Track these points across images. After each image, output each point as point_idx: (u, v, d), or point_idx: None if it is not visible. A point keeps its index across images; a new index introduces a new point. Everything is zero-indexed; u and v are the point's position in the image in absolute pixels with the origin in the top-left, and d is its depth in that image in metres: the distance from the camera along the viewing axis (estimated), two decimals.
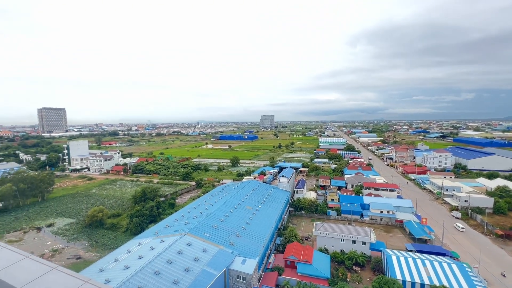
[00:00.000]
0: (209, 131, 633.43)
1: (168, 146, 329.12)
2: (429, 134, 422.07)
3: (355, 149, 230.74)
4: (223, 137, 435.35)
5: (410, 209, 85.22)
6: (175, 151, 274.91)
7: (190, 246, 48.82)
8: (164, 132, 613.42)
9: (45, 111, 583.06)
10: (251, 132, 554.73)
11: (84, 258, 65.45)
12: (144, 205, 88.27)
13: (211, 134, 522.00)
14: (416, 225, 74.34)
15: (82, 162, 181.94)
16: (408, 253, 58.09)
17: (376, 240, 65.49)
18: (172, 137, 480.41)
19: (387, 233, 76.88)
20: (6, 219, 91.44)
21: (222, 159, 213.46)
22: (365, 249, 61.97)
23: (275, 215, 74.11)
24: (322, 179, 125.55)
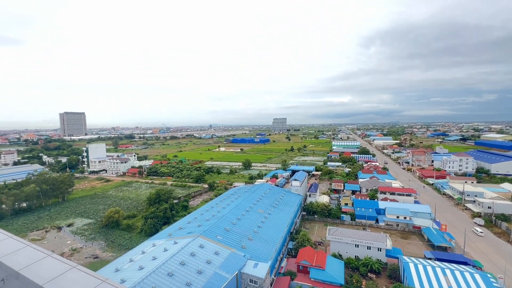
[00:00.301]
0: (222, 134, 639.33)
1: (181, 149, 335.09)
2: (448, 137, 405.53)
3: (369, 153, 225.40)
4: (236, 140, 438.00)
5: (428, 215, 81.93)
6: (188, 154, 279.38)
7: (203, 249, 49.17)
8: (178, 135, 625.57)
9: (67, 116, 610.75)
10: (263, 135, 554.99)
11: (101, 258, 67.43)
12: (158, 207, 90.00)
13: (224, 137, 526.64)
14: (435, 232, 71.28)
15: (100, 165, 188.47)
16: (427, 261, 55.71)
17: (393, 247, 63.35)
18: (185, 140, 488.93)
19: (404, 240, 74.19)
20: (30, 218, 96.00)
21: (234, 162, 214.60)
22: (380, 255, 60.05)
23: (288, 218, 73.41)
24: (336, 183, 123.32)
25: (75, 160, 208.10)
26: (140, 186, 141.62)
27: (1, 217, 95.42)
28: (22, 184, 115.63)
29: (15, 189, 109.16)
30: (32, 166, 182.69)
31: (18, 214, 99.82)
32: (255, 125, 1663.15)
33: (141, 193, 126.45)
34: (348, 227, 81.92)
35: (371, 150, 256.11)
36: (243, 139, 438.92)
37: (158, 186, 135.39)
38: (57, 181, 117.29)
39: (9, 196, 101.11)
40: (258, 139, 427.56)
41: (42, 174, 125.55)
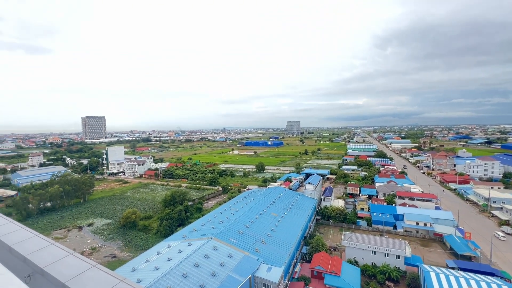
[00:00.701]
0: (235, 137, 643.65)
1: (196, 152, 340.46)
2: (471, 140, 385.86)
3: (386, 156, 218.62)
4: (249, 143, 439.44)
5: (450, 221, 78.05)
6: (202, 156, 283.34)
7: (216, 251, 49.45)
8: (192, 138, 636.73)
9: (88, 119, 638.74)
10: (276, 138, 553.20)
11: (118, 257, 69.44)
12: (173, 208, 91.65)
13: (237, 140, 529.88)
14: (459, 240, 67.68)
15: (119, 167, 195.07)
16: (449, 270, 52.92)
17: (412, 254, 60.79)
18: (200, 143, 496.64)
19: (424, 247, 71.01)
20: (54, 218, 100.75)
21: (248, 165, 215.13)
22: (399, 263, 57.76)
23: (301, 223, 72.43)
24: (351, 187, 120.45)
25: (96, 162, 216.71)
26: (156, 188, 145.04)
27: (28, 215, 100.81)
28: (47, 185, 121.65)
29: (41, 189, 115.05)
30: (56, 167, 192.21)
31: (43, 213, 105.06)
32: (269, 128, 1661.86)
33: (157, 194, 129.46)
34: (364, 232, 79.57)
35: (388, 154, 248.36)
36: (257, 142, 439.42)
37: (173, 188, 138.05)
38: (78, 182, 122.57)
39: (35, 196, 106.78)
40: (271, 142, 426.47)
41: (65, 176, 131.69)
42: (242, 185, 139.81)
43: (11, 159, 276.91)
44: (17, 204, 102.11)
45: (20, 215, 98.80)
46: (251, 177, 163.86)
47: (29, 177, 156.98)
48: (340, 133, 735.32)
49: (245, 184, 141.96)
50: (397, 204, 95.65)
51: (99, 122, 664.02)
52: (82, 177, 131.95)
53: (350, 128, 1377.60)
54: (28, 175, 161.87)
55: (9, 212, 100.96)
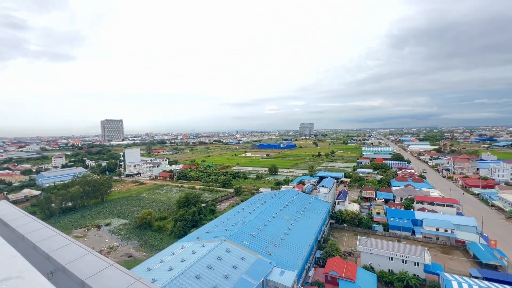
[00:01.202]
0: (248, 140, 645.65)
1: (209, 154, 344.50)
2: (496, 142, 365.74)
3: (404, 159, 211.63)
4: (262, 145, 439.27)
5: (474, 228, 74.13)
6: (215, 159, 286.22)
7: (229, 253, 49.60)
8: (206, 140, 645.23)
9: (107, 123, 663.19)
10: (289, 141, 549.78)
11: (134, 257, 71.21)
12: (187, 210, 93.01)
13: (250, 143, 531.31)
14: (483, 248, 64.11)
15: (135, 168, 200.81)
16: (473, 279, 50.20)
17: (432, 262, 58.20)
18: (213, 146, 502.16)
19: (445, 255, 67.82)
20: (74, 217, 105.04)
21: (261, 167, 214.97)
22: (418, 270, 55.46)
23: (315, 226, 71.32)
24: (366, 191, 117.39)
25: (113, 164, 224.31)
26: (171, 190, 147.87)
27: (51, 214, 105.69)
28: (68, 185, 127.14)
29: (63, 189, 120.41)
30: (77, 169, 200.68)
31: (64, 213, 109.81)
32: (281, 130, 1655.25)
33: (172, 196, 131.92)
34: (380, 238, 77.14)
35: (406, 157, 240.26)
36: (269, 144, 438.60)
37: (187, 189, 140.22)
38: (97, 183, 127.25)
39: (58, 196, 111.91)
40: (284, 145, 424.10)
41: (85, 177, 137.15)
42: (255, 187, 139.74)
43: (36, 160, 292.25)
44: (41, 204, 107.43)
45: (44, 214, 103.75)
46: (264, 180, 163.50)
47: (52, 177, 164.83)
48: (355, 135, 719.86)
49: (257, 186, 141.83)
50: (415, 209, 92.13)
51: (117, 125, 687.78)
52: (100, 178, 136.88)
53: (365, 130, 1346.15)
54: (51, 176, 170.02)
55: (33, 211, 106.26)
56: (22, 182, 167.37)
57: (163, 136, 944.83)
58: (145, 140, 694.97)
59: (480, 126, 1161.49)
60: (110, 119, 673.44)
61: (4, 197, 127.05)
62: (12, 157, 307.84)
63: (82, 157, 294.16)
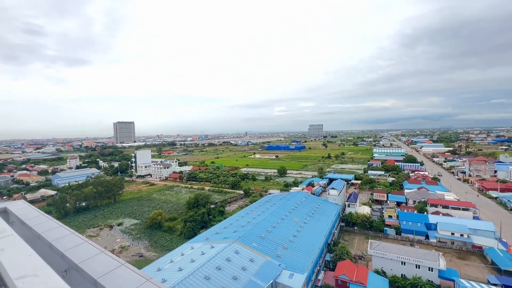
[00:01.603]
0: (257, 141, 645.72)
1: (218, 155, 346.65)
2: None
3: (416, 161, 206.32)
4: (270, 147, 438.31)
5: (492, 233, 71.28)
6: (224, 160, 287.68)
7: (238, 254, 49.60)
8: (215, 142, 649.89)
9: (119, 125, 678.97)
10: (298, 142, 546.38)
11: (145, 257, 72.33)
12: (196, 211, 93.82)
13: (259, 144, 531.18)
14: (502, 254, 61.50)
15: (146, 169, 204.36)
16: (491, 287, 48.23)
17: (447, 267, 56.29)
18: (222, 147, 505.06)
19: (460, 260, 65.48)
20: (88, 217, 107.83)
21: (269, 169, 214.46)
22: (432, 276, 53.77)
23: (325, 229, 70.42)
24: (378, 193, 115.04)
25: (125, 165, 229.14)
26: (181, 191, 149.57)
27: (66, 214, 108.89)
28: (82, 186, 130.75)
29: (77, 189, 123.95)
30: (90, 170, 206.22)
31: (78, 212, 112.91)
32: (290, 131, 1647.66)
33: (181, 197, 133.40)
34: (392, 241, 75.30)
35: (419, 158, 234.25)
36: (278, 146, 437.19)
37: (197, 191, 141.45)
38: (110, 184, 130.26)
39: (72, 196, 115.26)
40: (293, 146, 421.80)
41: (98, 177, 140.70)
42: (264, 189, 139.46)
43: (52, 161, 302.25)
44: (57, 203, 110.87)
45: (59, 214, 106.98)
46: (273, 181, 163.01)
47: (67, 178, 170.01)
48: (366, 137, 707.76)
49: (266, 188, 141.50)
50: (429, 213, 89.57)
51: (129, 127, 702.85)
52: (113, 179, 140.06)
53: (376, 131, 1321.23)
54: (66, 176, 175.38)
55: (49, 211, 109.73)
56: (39, 182, 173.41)
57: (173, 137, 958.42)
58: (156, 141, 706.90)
59: (498, 127, 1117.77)
60: (122, 121, 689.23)
61: (22, 197, 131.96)
62: (29, 158, 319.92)
63: (95, 158, 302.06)
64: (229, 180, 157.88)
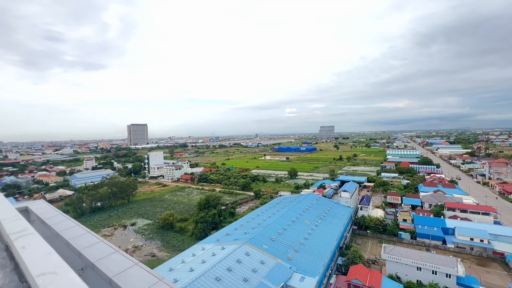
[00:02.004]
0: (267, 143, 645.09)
1: (229, 157, 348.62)
2: None
3: (432, 163, 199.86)
4: (281, 148, 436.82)
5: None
6: (235, 162, 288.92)
7: (249, 256, 49.55)
8: (226, 144, 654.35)
9: (133, 127, 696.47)
10: (309, 144, 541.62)
11: (157, 257, 73.51)
12: (207, 212, 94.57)
13: (269, 146, 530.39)
14: None
15: (158, 171, 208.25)
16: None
17: (466, 274, 54.01)
18: (233, 149, 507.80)
19: (481, 267, 62.66)
20: (103, 216, 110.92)
21: (280, 170, 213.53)
22: (450, 283, 51.72)
23: (337, 232, 69.26)
24: (391, 196, 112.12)
25: (138, 166, 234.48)
26: (192, 192, 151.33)
27: (82, 213, 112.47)
28: (98, 186, 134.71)
29: (93, 190, 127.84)
30: (105, 171, 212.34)
31: (94, 212, 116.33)
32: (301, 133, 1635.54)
33: (193, 198, 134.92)
34: (407, 246, 73.09)
35: (435, 160, 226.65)
36: (289, 147, 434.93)
37: (208, 192, 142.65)
38: (124, 185, 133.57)
39: (88, 196, 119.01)
40: (304, 148, 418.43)
41: (113, 178, 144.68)
42: (274, 191, 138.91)
43: (70, 162, 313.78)
44: (74, 203, 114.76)
45: (76, 213, 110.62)
46: (283, 183, 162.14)
47: (83, 179, 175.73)
48: (378, 138, 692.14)
49: (277, 190, 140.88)
50: (446, 217, 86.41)
51: (142, 129, 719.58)
52: (127, 180, 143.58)
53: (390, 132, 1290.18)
54: (83, 177, 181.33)
55: (67, 210, 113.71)
56: (57, 183, 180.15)
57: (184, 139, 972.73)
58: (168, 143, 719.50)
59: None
60: (135, 124, 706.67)
61: (42, 197, 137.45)
62: (49, 160, 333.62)
63: (110, 160, 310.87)
64: (239, 181, 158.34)
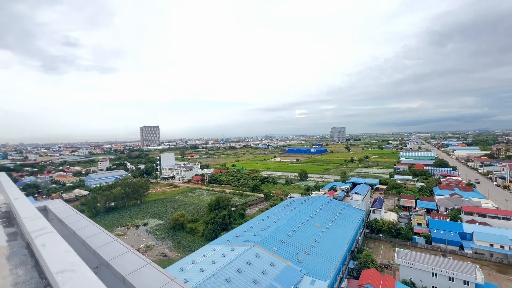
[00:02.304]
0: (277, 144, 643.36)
1: (239, 158, 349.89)
2: None
3: (448, 165, 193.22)
4: (291, 150, 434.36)
5: None
6: (245, 163, 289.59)
7: (258, 258, 49.44)
8: (236, 145, 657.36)
9: (145, 129, 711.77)
10: (320, 145, 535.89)
11: (168, 257, 74.56)
12: (217, 213, 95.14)
13: (279, 147, 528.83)
14: None
15: (170, 172, 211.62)
16: None
17: (485, 281, 51.74)
18: (243, 150, 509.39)
19: (501, 274, 59.89)
20: (116, 216, 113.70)
21: (290, 172, 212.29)
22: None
23: (348, 235, 68.06)
24: (405, 199, 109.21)
25: (151, 167, 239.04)
26: (202, 193, 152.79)
27: (97, 213, 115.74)
28: (112, 187, 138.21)
29: (107, 190, 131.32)
30: (119, 172, 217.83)
31: (108, 212, 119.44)
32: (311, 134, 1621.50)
33: (203, 199, 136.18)
34: (422, 251, 70.91)
35: (451, 163, 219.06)
36: (299, 149, 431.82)
37: (218, 193, 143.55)
38: (136, 185, 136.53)
39: (103, 197, 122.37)
40: (314, 149, 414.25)
41: (126, 179, 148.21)
42: (284, 192, 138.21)
43: (85, 163, 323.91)
44: (89, 203, 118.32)
45: (91, 213, 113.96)
46: (293, 185, 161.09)
47: (98, 179, 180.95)
48: (391, 140, 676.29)
49: (287, 191, 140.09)
50: (463, 221, 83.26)
51: (154, 130, 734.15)
52: (139, 181, 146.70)
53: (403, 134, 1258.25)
54: (97, 178, 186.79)
55: (82, 210, 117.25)
56: (73, 183, 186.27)
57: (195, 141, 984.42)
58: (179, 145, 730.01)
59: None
60: (148, 126, 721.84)
61: (59, 196, 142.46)
62: (66, 160, 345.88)
63: (123, 161, 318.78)
64: (249, 183, 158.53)
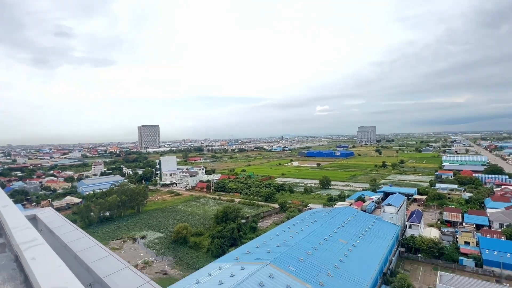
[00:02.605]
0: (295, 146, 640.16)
1: (250, 162, 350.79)
2: None
3: (504, 172, 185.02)
4: (311, 153, 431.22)
5: None
6: (257, 168, 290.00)
7: (273, 279, 49.22)
8: (246, 147, 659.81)
9: (143, 128, 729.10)
10: (345, 148, 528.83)
11: (169, 275, 75.73)
12: (225, 226, 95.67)
13: (297, 150, 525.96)
14: None
15: (171, 178, 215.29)
16: None
17: None
18: (254, 153, 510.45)
19: None
20: (111, 227, 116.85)
21: (310, 179, 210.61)
22: None
23: (379, 254, 66.61)
24: (449, 212, 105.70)
25: (149, 172, 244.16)
26: (208, 202, 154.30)
27: (90, 223, 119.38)
28: (106, 194, 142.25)
29: (101, 198, 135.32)
30: (114, 177, 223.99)
31: (102, 222, 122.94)
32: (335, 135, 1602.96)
33: (209, 209, 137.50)
34: (471, 275, 68.17)
35: (507, 169, 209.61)
36: (320, 152, 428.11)
37: (225, 203, 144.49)
38: (134, 193, 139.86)
39: (96, 205, 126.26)
40: (338, 152, 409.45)
41: (122, 185, 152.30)
42: (303, 203, 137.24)
43: (78, 167, 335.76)
44: (81, 212, 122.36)
45: (84, 223, 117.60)
46: (314, 194, 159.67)
47: (91, 185, 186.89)
48: (432, 141, 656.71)
49: (306, 202, 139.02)
50: None
51: (154, 131, 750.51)
52: (137, 188, 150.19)
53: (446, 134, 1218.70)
54: (91, 184, 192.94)
55: (74, 219, 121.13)
56: (65, 189, 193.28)
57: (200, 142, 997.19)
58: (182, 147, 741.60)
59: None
60: (146, 125, 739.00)
61: (49, 204, 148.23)
62: (57, 164, 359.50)
63: (119, 165, 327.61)
64: (262, 191, 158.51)
